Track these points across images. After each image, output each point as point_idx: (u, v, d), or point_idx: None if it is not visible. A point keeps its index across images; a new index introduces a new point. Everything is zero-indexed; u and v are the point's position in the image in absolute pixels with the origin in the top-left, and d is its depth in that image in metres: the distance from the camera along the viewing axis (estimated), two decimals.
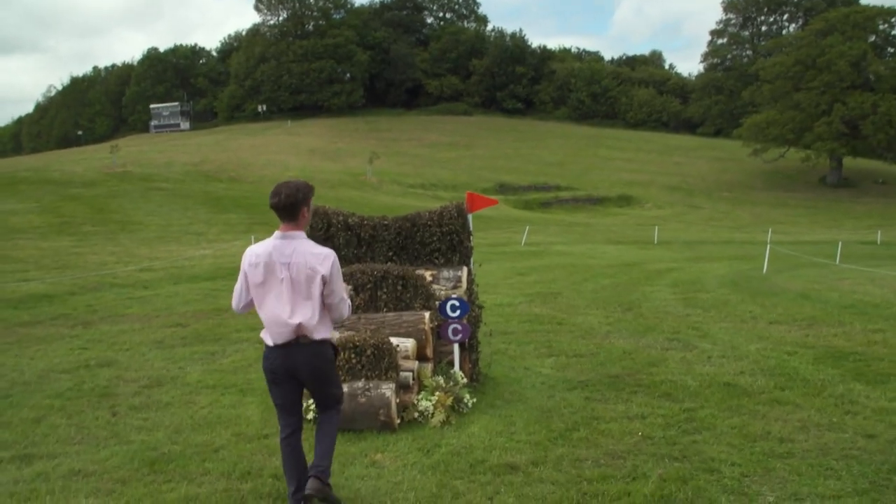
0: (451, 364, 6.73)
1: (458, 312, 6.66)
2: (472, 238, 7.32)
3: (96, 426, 5.94)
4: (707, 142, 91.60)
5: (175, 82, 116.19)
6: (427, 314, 6.52)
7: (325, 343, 4.29)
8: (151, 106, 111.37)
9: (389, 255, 7.30)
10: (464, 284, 7.05)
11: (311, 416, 5.88)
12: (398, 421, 5.78)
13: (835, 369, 7.62)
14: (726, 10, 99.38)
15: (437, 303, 6.76)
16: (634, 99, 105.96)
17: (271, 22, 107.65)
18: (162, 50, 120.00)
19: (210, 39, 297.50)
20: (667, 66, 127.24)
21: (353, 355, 5.93)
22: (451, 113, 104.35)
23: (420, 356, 6.44)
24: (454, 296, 6.78)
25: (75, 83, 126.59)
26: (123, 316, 11.94)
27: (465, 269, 7.17)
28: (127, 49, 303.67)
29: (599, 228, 43.51)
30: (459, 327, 6.67)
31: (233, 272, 18.86)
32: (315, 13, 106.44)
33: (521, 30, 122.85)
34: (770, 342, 9.22)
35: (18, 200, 36.05)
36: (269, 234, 4.28)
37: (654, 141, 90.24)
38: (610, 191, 63.56)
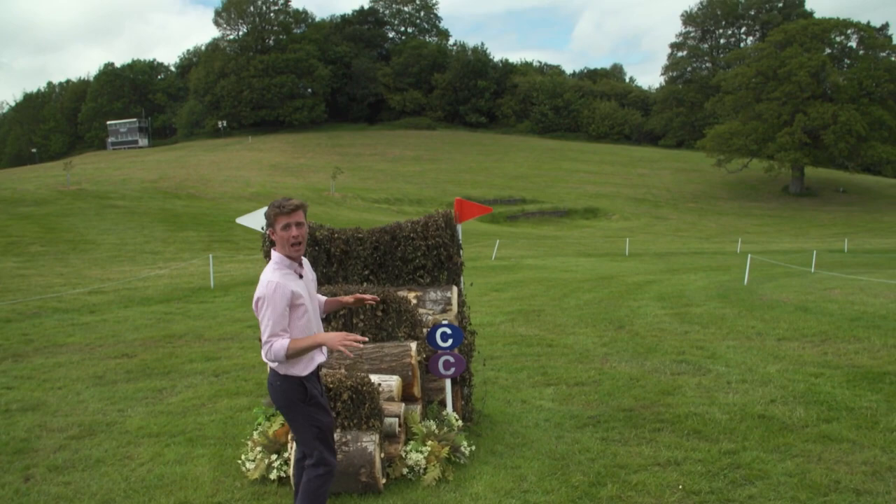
0: (443, 404, 5.64)
1: (450, 342, 5.58)
2: (461, 252, 6.28)
3: (1, 499, 4.74)
4: (670, 153, 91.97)
5: (133, 98, 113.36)
6: (413, 345, 5.42)
7: (277, 375, 3.71)
8: (108, 122, 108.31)
9: (365, 273, 6.20)
10: (454, 307, 5.99)
11: (273, 475, 4.79)
12: (384, 481, 4.68)
13: (875, 394, 6.71)
14: (685, 23, 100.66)
15: (424, 330, 5.69)
16: (596, 112, 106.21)
17: (231, 36, 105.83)
18: (119, 65, 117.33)
19: (169, 55, 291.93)
20: (627, 80, 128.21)
21: None
22: (414, 127, 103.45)
23: (406, 396, 5.35)
24: (444, 321, 5.72)
25: (28, 99, 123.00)
26: (62, 346, 10.63)
27: (454, 288, 6.11)
28: (83, 65, 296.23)
29: (569, 241, 42.74)
30: (452, 359, 5.58)
31: (189, 293, 17.49)
32: (275, 27, 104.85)
33: (482, 44, 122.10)
34: (788, 362, 8.30)
35: None
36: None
37: (618, 153, 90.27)
38: (576, 203, 63.02)
